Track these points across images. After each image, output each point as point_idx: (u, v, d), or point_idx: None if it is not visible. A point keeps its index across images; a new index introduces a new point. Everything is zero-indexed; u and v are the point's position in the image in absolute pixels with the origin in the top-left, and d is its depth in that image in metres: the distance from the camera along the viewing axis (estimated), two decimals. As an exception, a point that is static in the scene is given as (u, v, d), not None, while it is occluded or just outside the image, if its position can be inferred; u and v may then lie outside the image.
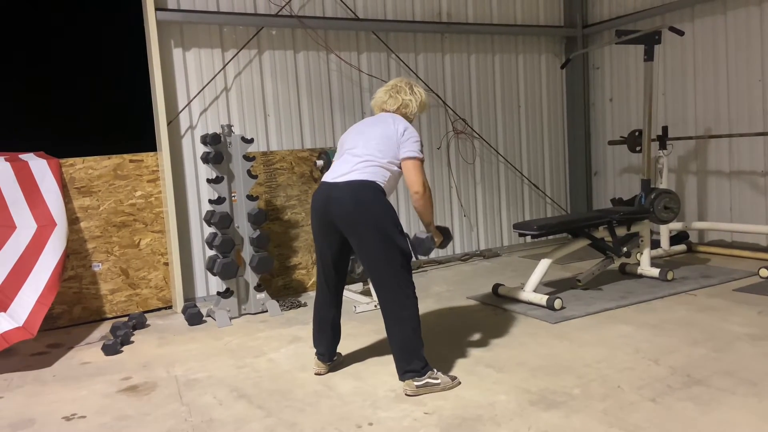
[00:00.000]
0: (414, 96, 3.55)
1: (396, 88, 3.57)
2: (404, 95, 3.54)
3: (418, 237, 3.50)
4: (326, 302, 3.56)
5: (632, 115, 7.23)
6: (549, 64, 7.46)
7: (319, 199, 3.35)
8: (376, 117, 3.56)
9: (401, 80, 3.63)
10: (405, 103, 3.53)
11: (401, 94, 3.54)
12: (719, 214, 6.45)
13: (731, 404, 2.84)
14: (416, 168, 3.31)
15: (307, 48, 6.04)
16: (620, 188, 7.44)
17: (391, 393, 3.26)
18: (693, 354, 3.51)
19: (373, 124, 3.47)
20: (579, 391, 3.11)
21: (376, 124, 3.45)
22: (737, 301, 4.52)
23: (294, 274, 5.80)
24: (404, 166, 3.33)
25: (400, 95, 3.54)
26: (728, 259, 5.96)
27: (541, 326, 4.25)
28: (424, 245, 3.48)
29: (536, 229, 4.71)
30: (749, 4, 5.94)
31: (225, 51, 5.70)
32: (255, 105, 5.85)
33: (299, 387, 3.44)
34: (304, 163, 5.86)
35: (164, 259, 5.51)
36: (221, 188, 4.97)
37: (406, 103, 3.53)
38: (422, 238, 3.48)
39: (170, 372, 3.86)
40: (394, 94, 3.55)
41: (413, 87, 3.59)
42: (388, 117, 3.47)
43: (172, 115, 5.46)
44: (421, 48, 6.62)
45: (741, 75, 6.09)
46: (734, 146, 6.25)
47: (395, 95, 3.54)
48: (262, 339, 4.42)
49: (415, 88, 3.58)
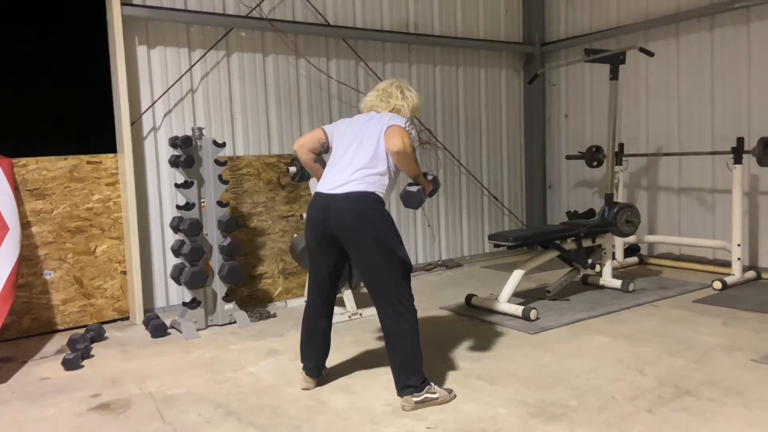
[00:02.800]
0: (406, 101, 3.44)
1: (386, 93, 3.44)
2: (396, 100, 3.42)
3: (408, 191, 3.41)
4: (318, 314, 3.44)
5: (587, 131, 7.48)
6: (509, 79, 7.62)
7: (317, 211, 3.24)
8: (369, 116, 3.38)
9: (392, 84, 3.50)
10: (396, 109, 3.40)
11: (392, 99, 3.42)
12: (669, 228, 6.75)
13: (724, 414, 2.94)
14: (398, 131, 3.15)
15: (276, 52, 5.90)
16: (574, 201, 7.67)
17: (388, 407, 3.19)
18: (674, 365, 3.63)
19: (366, 124, 3.32)
20: (576, 403, 3.14)
21: (368, 126, 3.30)
22: (700, 312, 4.73)
23: (260, 283, 5.62)
24: (386, 133, 3.17)
25: (391, 100, 3.42)
26: (678, 272, 6.24)
27: (521, 337, 4.29)
28: (415, 198, 3.40)
29: (512, 240, 4.77)
30: (701, 30, 6.27)
31: (192, 51, 5.48)
32: (222, 108, 5.66)
33: (289, 403, 3.31)
34: (271, 169, 5.70)
35: (122, 267, 5.21)
36: (191, 193, 4.76)
37: (398, 109, 3.41)
38: (413, 191, 3.39)
39: (143, 388, 3.63)
40: (385, 98, 3.43)
41: (404, 90, 3.46)
42: (380, 116, 3.33)
43: (135, 116, 5.19)
44: (389, 57, 6.61)
45: (692, 97, 6.41)
46: (684, 164, 6.56)
47: (386, 100, 3.43)
48: (237, 352, 4.24)
49: (407, 92, 3.46)
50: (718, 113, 6.20)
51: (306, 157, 3.53)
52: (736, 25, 5.99)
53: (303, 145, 3.51)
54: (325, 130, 3.50)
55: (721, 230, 6.23)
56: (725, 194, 6.17)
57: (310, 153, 3.51)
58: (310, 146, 3.49)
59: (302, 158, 3.57)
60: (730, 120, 6.10)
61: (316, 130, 3.53)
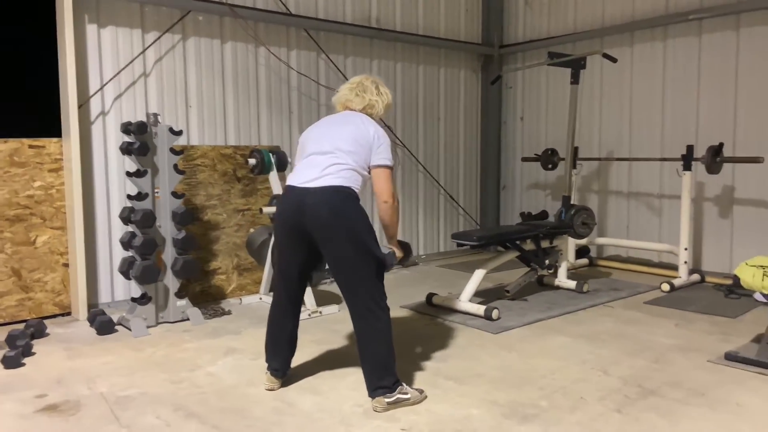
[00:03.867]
0: (381, 97, 3.38)
1: (362, 87, 3.36)
2: (371, 95, 3.35)
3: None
4: (284, 314, 3.31)
5: (541, 134, 7.59)
6: (467, 80, 7.65)
7: (289, 205, 3.11)
8: (341, 116, 3.34)
9: (366, 78, 3.42)
10: (371, 104, 3.35)
11: (367, 93, 3.35)
12: (617, 231, 6.94)
13: (690, 415, 2.99)
14: (387, 177, 3.17)
15: (235, 39, 5.69)
16: (527, 203, 7.78)
17: (358, 408, 3.10)
18: (635, 365, 3.69)
19: (340, 124, 3.26)
20: (546, 404, 3.14)
21: (344, 125, 3.25)
22: (652, 314, 4.85)
23: (213, 279, 5.41)
24: (375, 174, 3.18)
25: (366, 95, 3.34)
26: (627, 273, 6.41)
27: (484, 337, 4.28)
28: (386, 262, 3.28)
29: (476, 240, 4.76)
30: (654, 39, 6.46)
31: (146, 33, 5.21)
32: (176, 95, 5.40)
33: (254, 404, 3.17)
34: (227, 160, 5.49)
35: (63, 259, 4.90)
36: (144, 183, 4.51)
37: (372, 104, 3.35)
38: (385, 254, 3.29)
39: (92, 388, 3.40)
40: (360, 92, 3.35)
41: (379, 86, 3.40)
42: (356, 117, 3.29)
43: (83, 99, 4.88)
44: (350, 51, 6.50)
45: (643, 104, 6.60)
46: (634, 169, 6.76)
47: (361, 94, 3.35)
48: (192, 351, 4.05)
49: (381, 88, 3.40)
50: (668, 121, 6.41)
51: None
52: (688, 36, 6.20)
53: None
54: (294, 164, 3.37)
55: (668, 234, 6.45)
56: (672, 200, 6.39)
57: None
58: None
59: None
60: (679, 128, 6.32)
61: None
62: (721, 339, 4.17)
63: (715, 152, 5.48)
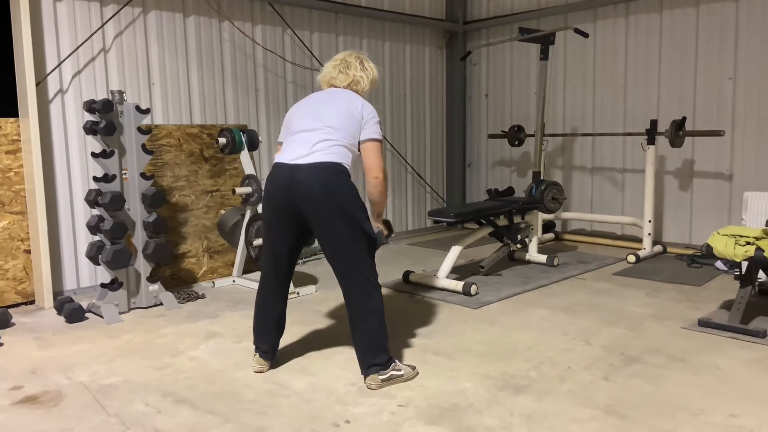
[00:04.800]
0: (365, 72, 3.33)
1: (345, 63, 3.31)
2: (355, 71, 3.29)
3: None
4: (273, 295, 3.24)
5: (506, 111, 7.66)
6: (432, 57, 7.62)
7: (279, 183, 3.03)
8: (327, 92, 3.28)
9: (350, 54, 3.36)
10: (356, 80, 3.30)
11: (351, 69, 3.29)
12: (581, 205, 7.10)
13: (675, 380, 3.10)
14: (377, 150, 3.15)
15: (198, 13, 5.49)
16: (492, 180, 7.87)
17: (352, 387, 3.08)
18: (614, 334, 3.80)
19: (326, 101, 3.20)
20: (536, 374, 3.20)
21: (330, 101, 3.19)
22: (622, 285, 5.00)
23: (183, 263, 5.26)
24: (365, 149, 3.13)
25: (350, 71, 3.29)
26: (592, 246, 6.58)
27: (465, 312, 4.32)
28: (376, 240, 3.26)
29: (453, 217, 4.77)
30: (617, 16, 6.57)
31: (104, 6, 4.96)
32: (138, 71, 5.19)
33: (245, 387, 3.11)
34: (193, 140, 5.32)
35: (25, 245, 4.67)
36: (111, 164, 4.33)
37: (357, 80, 3.30)
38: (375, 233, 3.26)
39: (71, 378, 3.27)
40: (344, 69, 3.30)
41: (364, 62, 3.34)
42: (342, 93, 3.23)
43: (40, 77, 4.62)
44: (316, 26, 6.37)
45: (606, 81, 6.73)
46: (597, 145, 6.90)
47: (345, 71, 3.29)
48: (171, 336, 3.94)
49: (366, 63, 3.35)
50: (630, 96, 6.56)
51: None
52: (649, 12, 6.32)
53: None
54: (280, 141, 3.27)
55: (630, 207, 6.64)
56: (634, 174, 6.57)
57: None
58: None
59: None
60: (640, 103, 6.47)
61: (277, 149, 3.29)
62: (691, 306, 4.33)
63: (678, 126, 5.64)
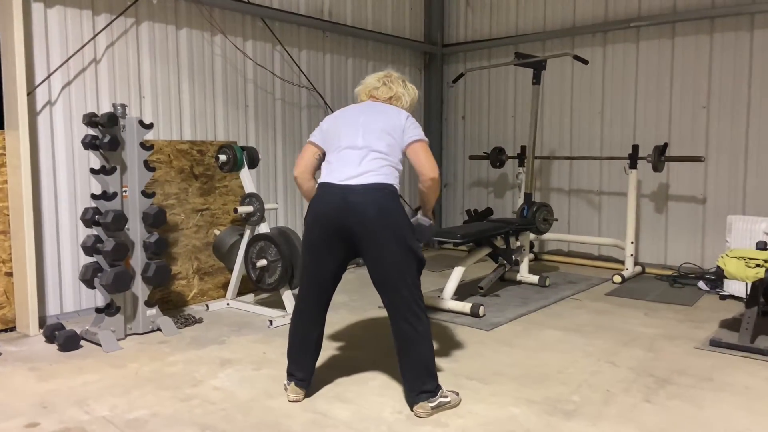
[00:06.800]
0: (407, 91, 3.28)
1: (389, 77, 3.27)
2: (398, 87, 3.24)
3: (421, 224, 3.30)
4: (312, 320, 3.11)
5: (483, 133, 7.77)
6: (412, 78, 7.65)
7: (330, 205, 2.91)
8: (368, 105, 3.17)
9: (392, 72, 3.33)
10: (398, 96, 3.24)
11: (395, 85, 3.24)
12: (560, 226, 7.25)
13: (711, 400, 3.17)
14: (427, 149, 3.05)
15: (190, 25, 5.30)
16: (469, 200, 7.94)
17: (399, 415, 2.98)
18: (634, 355, 3.86)
19: (370, 114, 3.08)
20: (578, 398, 3.20)
21: (374, 114, 3.08)
22: (618, 305, 5.11)
23: (173, 285, 5.00)
24: (413, 150, 3.02)
25: (393, 86, 3.24)
26: (572, 267, 6.72)
27: (479, 334, 4.29)
28: (427, 232, 3.34)
29: (460, 238, 4.76)
30: (594, 45, 6.82)
31: (96, 15, 4.71)
32: (129, 84, 4.94)
33: (287, 417, 2.96)
34: (183, 156, 5.10)
35: (6, 267, 4.32)
36: (112, 181, 4.07)
37: (398, 96, 3.24)
38: (426, 226, 3.33)
39: (90, 412, 3.02)
40: (388, 82, 3.24)
41: (406, 82, 3.32)
42: (385, 106, 3.15)
43: (29, 88, 4.31)
44: (304, 43, 6.28)
45: (584, 106, 6.95)
46: (575, 168, 7.10)
47: (389, 83, 3.24)
48: (181, 364, 3.71)
49: (408, 84, 3.32)
50: (607, 123, 6.79)
51: (309, 184, 3.14)
52: (626, 42, 6.60)
53: (304, 172, 3.13)
54: (315, 142, 3.16)
55: (607, 229, 6.84)
56: (611, 196, 6.79)
57: (312, 179, 3.16)
58: (311, 170, 3.15)
59: (304, 187, 3.16)
60: (617, 130, 6.71)
61: (306, 146, 3.18)
62: (694, 326, 4.47)
63: (660, 152, 5.87)
